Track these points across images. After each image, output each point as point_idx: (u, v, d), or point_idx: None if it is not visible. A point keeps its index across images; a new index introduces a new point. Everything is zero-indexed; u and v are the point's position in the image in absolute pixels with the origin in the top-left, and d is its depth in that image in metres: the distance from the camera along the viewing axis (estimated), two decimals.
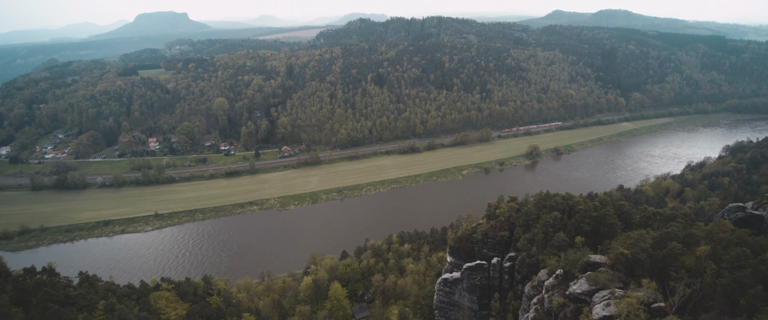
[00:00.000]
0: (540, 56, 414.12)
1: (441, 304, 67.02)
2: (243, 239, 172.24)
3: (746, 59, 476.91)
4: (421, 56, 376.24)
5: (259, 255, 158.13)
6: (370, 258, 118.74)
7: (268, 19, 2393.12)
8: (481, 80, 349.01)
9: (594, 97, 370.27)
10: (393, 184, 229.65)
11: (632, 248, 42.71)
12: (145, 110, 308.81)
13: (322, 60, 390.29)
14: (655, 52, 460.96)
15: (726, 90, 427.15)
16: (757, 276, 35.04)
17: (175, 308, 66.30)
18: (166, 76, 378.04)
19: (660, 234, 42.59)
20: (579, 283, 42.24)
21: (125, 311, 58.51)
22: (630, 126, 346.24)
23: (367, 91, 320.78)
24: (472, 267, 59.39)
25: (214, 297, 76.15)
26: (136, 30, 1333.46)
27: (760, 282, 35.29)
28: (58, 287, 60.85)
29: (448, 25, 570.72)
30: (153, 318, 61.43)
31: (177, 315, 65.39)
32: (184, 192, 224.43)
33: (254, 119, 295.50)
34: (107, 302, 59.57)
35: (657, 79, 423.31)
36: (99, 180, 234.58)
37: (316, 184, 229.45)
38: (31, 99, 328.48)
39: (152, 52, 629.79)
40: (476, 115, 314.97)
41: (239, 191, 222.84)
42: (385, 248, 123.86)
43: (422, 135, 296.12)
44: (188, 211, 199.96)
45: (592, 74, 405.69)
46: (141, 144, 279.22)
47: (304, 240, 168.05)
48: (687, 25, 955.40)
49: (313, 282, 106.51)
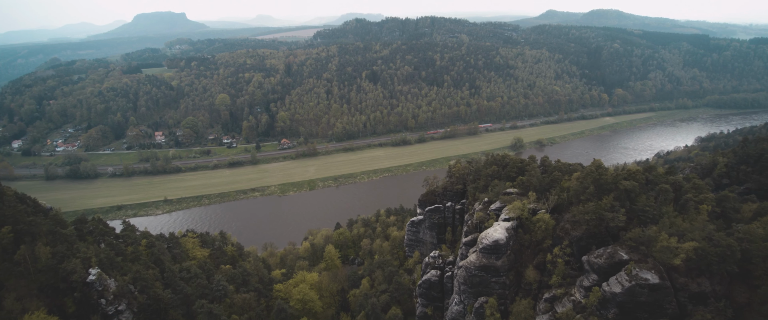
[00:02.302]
0: (528, 54, 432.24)
1: (410, 242, 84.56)
2: (247, 220, 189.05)
3: (728, 57, 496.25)
4: (413, 54, 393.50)
5: (262, 232, 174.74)
6: (360, 227, 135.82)
7: (265, 19, 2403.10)
8: (471, 77, 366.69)
9: (578, 93, 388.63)
10: (385, 173, 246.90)
11: (531, 178, 60.16)
12: (151, 106, 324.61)
13: (319, 58, 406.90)
14: (639, 51, 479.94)
15: (707, 86, 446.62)
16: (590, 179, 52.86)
17: (199, 250, 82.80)
18: (170, 73, 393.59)
19: (552, 168, 59.79)
20: (495, 204, 59.50)
21: (162, 246, 75.16)
22: (612, 120, 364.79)
23: (362, 88, 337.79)
24: (431, 209, 76.63)
25: (229, 247, 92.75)
26: (135, 30, 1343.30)
27: (593, 183, 52.73)
28: (108, 229, 77.63)
29: (441, 24, 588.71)
30: (183, 255, 77.85)
31: (202, 255, 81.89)
32: (190, 180, 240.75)
33: (255, 114, 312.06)
34: (148, 241, 76.19)
35: (640, 76, 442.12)
36: (110, 170, 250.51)
37: (313, 173, 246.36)
38: (41, 95, 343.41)
39: (153, 52, 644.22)
40: (465, 110, 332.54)
41: (242, 179, 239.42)
42: (374, 220, 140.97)
43: (414, 129, 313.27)
44: (195, 197, 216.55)
45: (577, 71, 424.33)
46: (148, 137, 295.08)
47: (303, 220, 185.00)
48: (677, 25, 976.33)
49: (310, 245, 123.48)
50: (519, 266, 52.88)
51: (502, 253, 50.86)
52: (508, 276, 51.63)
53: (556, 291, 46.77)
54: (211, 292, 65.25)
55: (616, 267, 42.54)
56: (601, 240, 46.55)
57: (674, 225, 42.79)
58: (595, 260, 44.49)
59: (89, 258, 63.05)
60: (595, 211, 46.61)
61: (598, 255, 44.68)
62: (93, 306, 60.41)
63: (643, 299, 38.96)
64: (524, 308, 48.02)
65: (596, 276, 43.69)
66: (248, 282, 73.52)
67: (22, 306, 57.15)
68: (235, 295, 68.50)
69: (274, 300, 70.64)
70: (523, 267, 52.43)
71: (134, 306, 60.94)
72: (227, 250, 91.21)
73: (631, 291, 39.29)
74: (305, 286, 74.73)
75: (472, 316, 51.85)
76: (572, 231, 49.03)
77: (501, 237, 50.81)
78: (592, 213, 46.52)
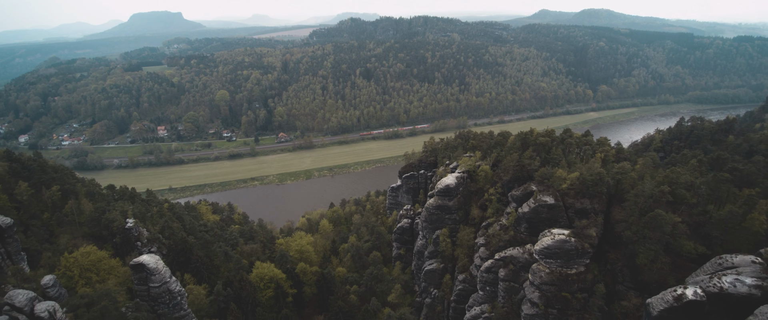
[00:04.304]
0: (516, 52, 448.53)
1: (390, 205, 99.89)
2: (247, 205, 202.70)
3: (711, 54, 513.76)
4: (405, 53, 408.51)
5: (262, 215, 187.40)
6: (351, 206, 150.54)
7: (261, 19, 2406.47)
8: (461, 74, 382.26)
9: (564, 90, 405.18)
10: (377, 163, 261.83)
11: (481, 143, 75.41)
12: (153, 102, 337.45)
13: (315, 56, 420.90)
14: (624, 49, 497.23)
15: (689, 83, 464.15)
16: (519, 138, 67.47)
17: (212, 216, 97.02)
18: (170, 71, 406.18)
19: (498, 136, 75.24)
20: (454, 164, 74.54)
21: (181, 209, 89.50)
22: (595, 115, 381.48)
23: (356, 84, 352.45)
24: (407, 176, 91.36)
25: (236, 215, 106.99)
26: (132, 29, 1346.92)
27: (520, 141, 67.45)
28: (136, 194, 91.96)
29: (434, 24, 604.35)
30: (198, 218, 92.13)
31: (214, 219, 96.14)
32: (192, 171, 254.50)
33: (253, 109, 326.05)
34: (169, 204, 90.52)
35: (624, 73, 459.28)
36: (115, 162, 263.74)
37: (309, 164, 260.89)
38: (45, 92, 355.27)
39: (152, 50, 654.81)
40: (455, 105, 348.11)
41: (242, 170, 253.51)
42: (364, 199, 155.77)
43: (405, 123, 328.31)
44: (198, 186, 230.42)
45: (563, 69, 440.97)
46: (151, 132, 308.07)
47: (300, 204, 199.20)
48: (666, 24, 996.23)
49: (307, 220, 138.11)
50: (467, 206, 67.81)
51: (453, 196, 65.69)
52: (458, 213, 66.54)
53: (490, 219, 61.54)
54: (226, 240, 79.45)
55: (528, 196, 57.09)
56: (522, 181, 61.15)
57: (572, 165, 57.52)
58: (516, 193, 59.24)
59: (126, 211, 77.54)
60: (519, 160, 61.31)
61: (517, 190, 59.52)
62: (130, 247, 75.05)
63: (543, 215, 53.52)
64: (466, 234, 62.81)
65: (515, 205, 58.39)
66: (254, 238, 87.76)
67: (74, 244, 71.65)
68: (244, 246, 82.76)
69: (276, 251, 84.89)
70: (470, 207, 67.30)
71: (164, 248, 75.45)
72: (235, 218, 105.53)
73: (535, 210, 53.86)
74: (302, 241, 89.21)
75: (431, 245, 66.63)
76: (503, 176, 63.68)
77: (451, 182, 65.67)
78: (516, 161, 61.20)
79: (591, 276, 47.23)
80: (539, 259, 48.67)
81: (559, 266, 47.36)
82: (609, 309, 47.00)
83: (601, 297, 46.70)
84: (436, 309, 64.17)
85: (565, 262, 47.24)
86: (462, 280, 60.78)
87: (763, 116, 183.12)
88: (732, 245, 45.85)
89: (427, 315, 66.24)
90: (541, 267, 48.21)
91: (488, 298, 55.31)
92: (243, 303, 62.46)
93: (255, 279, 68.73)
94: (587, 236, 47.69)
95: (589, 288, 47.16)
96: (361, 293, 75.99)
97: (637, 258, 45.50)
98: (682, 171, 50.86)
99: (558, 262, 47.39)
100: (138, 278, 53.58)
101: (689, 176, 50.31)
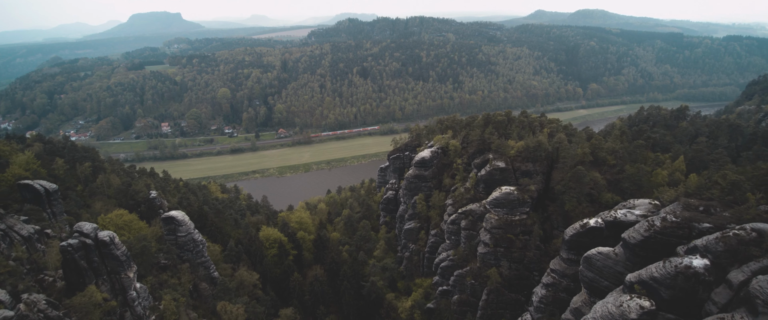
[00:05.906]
0: (509, 52, 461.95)
1: (379, 184, 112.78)
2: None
3: (699, 54, 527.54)
4: (401, 52, 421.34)
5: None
6: (347, 192, 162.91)
7: (260, 19, 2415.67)
8: (454, 73, 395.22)
9: (554, 88, 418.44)
10: (373, 157, 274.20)
11: (454, 124, 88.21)
12: (157, 99, 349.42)
13: (314, 55, 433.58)
14: (615, 48, 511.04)
15: (677, 81, 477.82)
16: (483, 118, 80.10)
17: (220, 194, 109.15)
18: (173, 70, 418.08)
19: (470, 118, 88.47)
20: (431, 142, 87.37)
21: (194, 187, 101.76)
22: (585, 112, 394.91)
23: (353, 82, 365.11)
24: (394, 156, 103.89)
25: (242, 196, 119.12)
26: (131, 30, 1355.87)
27: (483, 120, 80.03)
28: (154, 173, 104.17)
29: (430, 24, 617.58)
30: (209, 194, 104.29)
31: (221, 197, 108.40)
32: (196, 165, 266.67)
33: (254, 106, 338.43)
34: (183, 182, 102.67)
35: (614, 71, 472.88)
36: (122, 157, 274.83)
37: (308, 158, 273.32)
38: (51, 90, 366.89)
39: (153, 50, 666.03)
40: (448, 102, 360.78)
41: (243, 163, 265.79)
42: (359, 186, 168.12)
43: (401, 119, 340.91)
44: (202, 178, 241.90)
45: (555, 68, 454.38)
46: (155, 128, 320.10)
47: (299, 194, 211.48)
48: (660, 24, 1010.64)
49: (306, 204, 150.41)
50: (440, 176, 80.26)
51: (428, 166, 78.13)
52: (433, 181, 78.99)
53: (457, 184, 73.93)
54: (235, 211, 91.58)
55: (486, 163, 69.58)
56: (483, 152, 73.54)
57: (523, 138, 69.98)
58: (477, 161, 71.78)
59: (149, 184, 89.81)
60: (481, 135, 73.86)
61: (478, 159, 72.03)
62: (154, 214, 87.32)
63: (496, 177, 65.81)
64: (439, 197, 75.30)
65: (476, 170, 70.81)
66: (258, 212, 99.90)
67: (106, 209, 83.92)
68: (250, 217, 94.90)
69: (278, 221, 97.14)
70: (442, 177, 79.71)
71: None
72: (241, 197, 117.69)
73: (490, 173, 66.23)
74: (302, 214, 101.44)
75: (410, 209, 78.97)
76: (469, 150, 76.13)
77: (427, 155, 78.21)
78: (479, 136, 73.68)
79: (530, 221, 59.50)
80: (490, 209, 60.92)
81: (505, 213, 59.59)
82: (545, 247, 59.29)
83: (539, 238, 59.04)
84: (413, 260, 76.47)
85: (510, 210, 59.48)
86: (434, 234, 73.13)
87: (734, 109, 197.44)
88: (640, 194, 58.32)
89: (406, 266, 78.73)
90: (492, 215, 60.49)
91: (453, 245, 67.66)
92: (253, 255, 74.52)
93: (262, 238, 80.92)
94: (528, 190, 59.98)
95: (530, 231, 59.41)
96: (351, 251, 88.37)
97: (565, 205, 57.74)
98: (605, 140, 63.36)
99: (504, 210, 59.64)
100: (168, 229, 65.73)
101: (612, 144, 62.76)
